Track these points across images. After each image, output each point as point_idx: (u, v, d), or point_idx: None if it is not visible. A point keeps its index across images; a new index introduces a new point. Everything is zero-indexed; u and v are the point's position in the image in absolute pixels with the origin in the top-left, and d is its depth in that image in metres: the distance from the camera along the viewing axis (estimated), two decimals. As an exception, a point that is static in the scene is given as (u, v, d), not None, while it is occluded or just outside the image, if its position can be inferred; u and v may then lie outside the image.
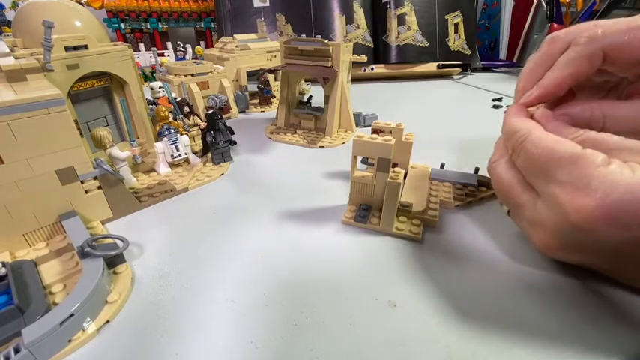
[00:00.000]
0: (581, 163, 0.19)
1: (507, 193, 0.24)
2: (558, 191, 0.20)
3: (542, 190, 0.21)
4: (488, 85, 0.91)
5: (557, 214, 0.20)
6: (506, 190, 0.24)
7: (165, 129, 0.41)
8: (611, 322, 0.21)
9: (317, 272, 0.26)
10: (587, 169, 0.18)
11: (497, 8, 1.16)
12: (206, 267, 0.26)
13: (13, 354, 0.18)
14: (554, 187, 0.20)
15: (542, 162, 0.21)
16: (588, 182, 0.18)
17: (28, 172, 0.26)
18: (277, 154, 0.48)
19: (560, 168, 0.20)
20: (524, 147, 0.22)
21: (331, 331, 0.21)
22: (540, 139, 0.21)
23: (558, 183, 0.20)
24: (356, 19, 0.92)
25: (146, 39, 1.13)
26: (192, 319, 0.22)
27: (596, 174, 0.18)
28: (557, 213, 0.20)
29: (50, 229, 0.29)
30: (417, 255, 0.27)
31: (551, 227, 0.21)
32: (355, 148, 0.29)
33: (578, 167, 0.19)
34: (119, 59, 0.38)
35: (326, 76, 0.46)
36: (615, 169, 0.18)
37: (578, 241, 0.20)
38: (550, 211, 0.21)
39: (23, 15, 0.36)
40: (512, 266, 0.26)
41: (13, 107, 0.24)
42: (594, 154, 0.19)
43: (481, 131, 0.56)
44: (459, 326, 0.21)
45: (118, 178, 0.32)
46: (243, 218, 0.33)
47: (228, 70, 0.67)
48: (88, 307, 0.21)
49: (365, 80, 0.98)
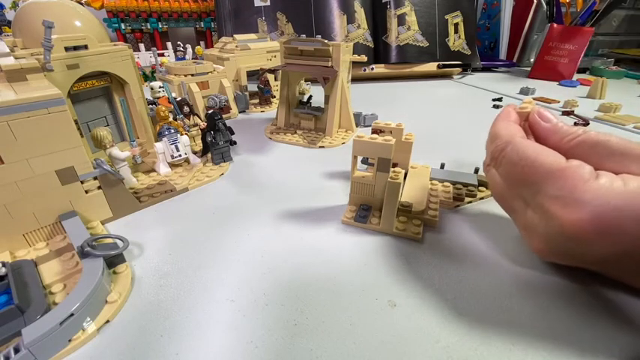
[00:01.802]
0: (570, 178, 0.18)
1: (500, 198, 0.24)
2: (548, 204, 0.19)
3: (530, 200, 0.21)
4: (488, 85, 0.91)
5: (549, 225, 0.20)
6: (499, 195, 0.24)
7: (165, 129, 0.41)
8: (611, 323, 0.21)
9: (317, 272, 0.26)
10: (576, 184, 0.18)
11: (497, 8, 1.16)
12: (206, 267, 0.26)
13: (13, 354, 0.18)
14: (543, 199, 0.20)
15: (526, 174, 0.20)
16: (579, 197, 0.18)
17: (28, 172, 0.26)
18: (277, 154, 0.48)
19: (547, 182, 0.19)
20: (504, 156, 0.22)
21: (331, 331, 0.21)
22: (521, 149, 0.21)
23: (547, 196, 0.19)
24: (357, 18, 0.92)
25: (146, 39, 1.13)
26: (192, 319, 0.22)
27: (586, 188, 0.18)
28: (549, 224, 0.20)
29: (50, 229, 0.29)
30: (417, 255, 0.27)
31: (542, 235, 0.21)
32: (355, 148, 0.29)
33: (567, 182, 0.19)
34: (119, 59, 0.38)
35: (326, 76, 0.46)
36: (605, 183, 0.18)
37: (570, 249, 0.20)
38: (541, 220, 0.20)
39: (23, 15, 0.36)
40: (512, 266, 0.26)
41: (13, 107, 0.24)
42: (580, 166, 0.19)
43: (481, 131, 0.55)
44: (459, 326, 0.21)
45: (118, 178, 0.32)
46: (243, 218, 0.33)
47: (228, 70, 0.67)
48: (88, 307, 0.21)
49: (365, 80, 0.98)
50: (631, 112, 0.65)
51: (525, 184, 0.21)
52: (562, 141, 0.22)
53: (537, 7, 1.13)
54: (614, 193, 0.17)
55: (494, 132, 0.24)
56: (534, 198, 0.20)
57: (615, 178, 0.18)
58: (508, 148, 0.21)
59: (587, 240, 0.18)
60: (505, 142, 0.22)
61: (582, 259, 0.21)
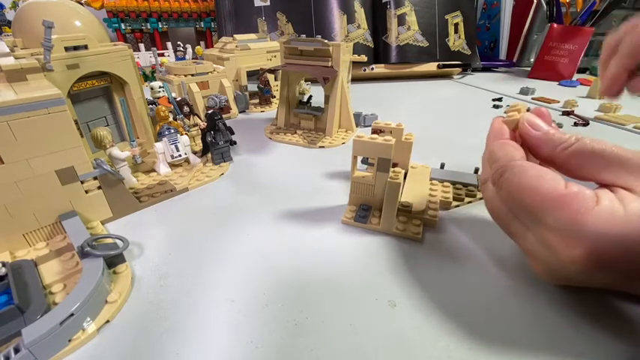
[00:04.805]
0: (568, 207, 0.17)
1: (497, 219, 0.23)
2: (548, 236, 0.18)
3: (530, 228, 0.20)
4: (488, 85, 0.91)
5: (548, 254, 0.19)
6: (496, 216, 0.23)
7: (165, 129, 0.41)
8: (610, 325, 0.21)
9: (317, 272, 0.26)
10: (575, 214, 0.17)
11: (498, 8, 1.16)
12: (206, 267, 0.26)
13: (13, 354, 0.18)
14: (543, 230, 0.19)
15: (526, 202, 0.19)
16: (578, 229, 0.17)
17: (28, 172, 0.26)
18: (277, 154, 0.48)
19: (546, 211, 0.18)
20: (504, 182, 0.21)
21: (331, 331, 0.21)
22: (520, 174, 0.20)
23: (546, 227, 0.18)
24: (357, 18, 0.92)
25: (146, 39, 1.13)
26: (192, 319, 0.22)
27: (585, 219, 0.17)
28: (548, 253, 0.19)
29: (50, 229, 0.29)
30: (417, 255, 0.27)
31: (542, 261, 0.20)
32: (355, 148, 0.29)
33: (565, 212, 0.17)
34: (119, 59, 0.38)
35: (326, 76, 0.46)
36: (605, 208, 0.17)
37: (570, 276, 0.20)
38: (541, 248, 0.20)
39: (23, 15, 0.36)
40: (512, 266, 0.26)
41: (13, 107, 0.24)
42: (580, 192, 0.18)
43: (481, 131, 0.55)
44: (458, 326, 0.21)
45: (118, 178, 0.32)
46: (243, 218, 0.33)
47: (228, 70, 0.67)
48: (88, 307, 0.21)
49: (365, 80, 0.98)
50: (631, 112, 0.65)
51: (525, 212, 0.20)
52: (555, 151, 0.21)
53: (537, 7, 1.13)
54: (615, 221, 0.16)
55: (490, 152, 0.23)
56: (534, 226, 0.19)
57: (616, 202, 0.17)
58: (506, 174, 0.20)
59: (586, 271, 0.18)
60: (503, 166, 0.21)
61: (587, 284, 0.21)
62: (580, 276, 0.19)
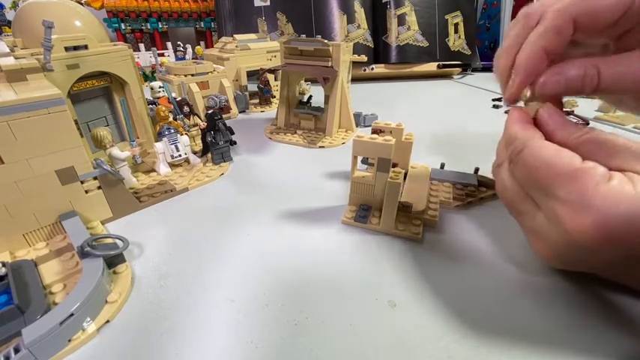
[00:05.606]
0: (581, 180, 0.18)
1: (509, 200, 0.24)
2: (558, 208, 0.19)
3: (542, 204, 0.21)
4: (488, 85, 0.91)
5: (557, 230, 0.19)
6: (508, 196, 0.24)
7: (165, 129, 0.41)
8: (610, 325, 0.21)
9: (317, 272, 0.26)
10: (586, 187, 0.18)
11: (497, 8, 1.16)
12: (206, 267, 0.26)
13: (13, 354, 0.18)
14: (554, 203, 0.19)
15: (541, 176, 0.20)
16: (588, 202, 0.18)
17: (28, 172, 0.26)
18: (277, 154, 0.48)
19: (559, 184, 0.19)
20: (521, 158, 0.21)
21: (331, 331, 0.21)
22: (538, 150, 0.20)
23: (558, 200, 0.19)
24: (357, 18, 0.92)
25: (146, 39, 1.13)
26: (192, 319, 0.22)
27: (595, 193, 0.17)
28: (557, 229, 0.19)
29: (50, 229, 0.29)
30: (417, 255, 0.27)
31: (549, 240, 0.21)
32: (355, 148, 0.29)
33: (578, 185, 0.18)
34: (119, 59, 0.38)
35: (326, 76, 0.46)
36: (616, 185, 0.17)
37: (576, 255, 0.20)
38: (549, 225, 0.20)
39: (23, 15, 0.36)
40: (511, 266, 0.26)
41: (13, 107, 0.24)
42: (594, 168, 0.18)
43: (481, 131, 0.56)
44: (459, 326, 0.21)
45: (118, 178, 0.32)
46: (243, 218, 0.33)
47: (228, 70, 0.67)
48: (87, 307, 0.21)
49: (365, 80, 0.98)
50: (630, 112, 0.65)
51: (538, 186, 0.20)
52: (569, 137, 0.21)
53: (537, 7, 1.12)
54: (624, 198, 0.17)
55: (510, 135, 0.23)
56: (546, 201, 0.20)
57: (626, 181, 0.18)
58: (525, 150, 0.21)
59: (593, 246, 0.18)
60: (522, 143, 0.22)
61: (590, 266, 0.21)
62: (585, 253, 0.19)
